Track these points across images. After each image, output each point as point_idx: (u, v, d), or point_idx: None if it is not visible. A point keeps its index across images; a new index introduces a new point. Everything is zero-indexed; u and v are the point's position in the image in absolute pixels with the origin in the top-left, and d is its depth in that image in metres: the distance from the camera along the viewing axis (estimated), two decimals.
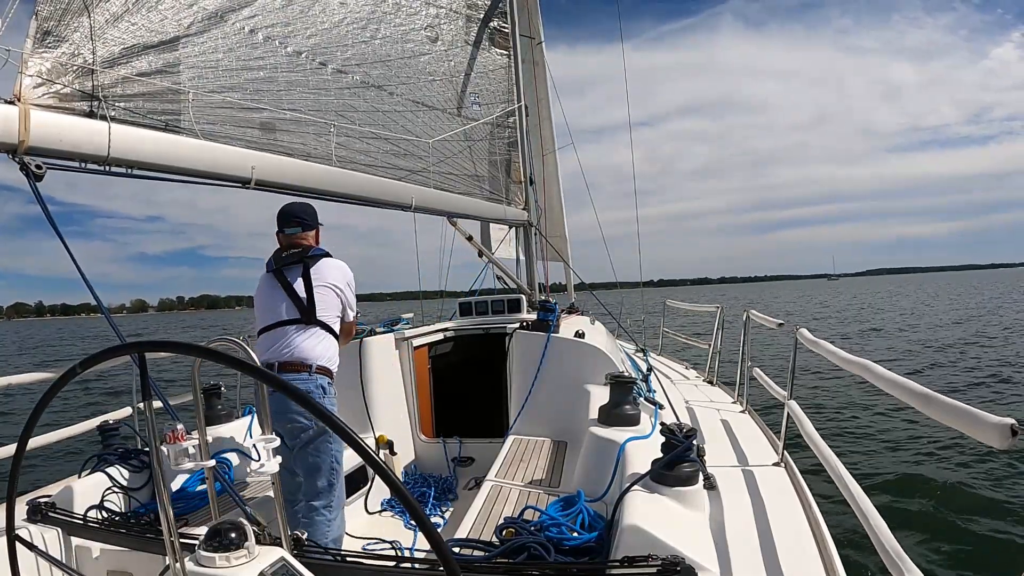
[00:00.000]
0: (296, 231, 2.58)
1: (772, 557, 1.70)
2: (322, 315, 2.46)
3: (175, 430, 1.23)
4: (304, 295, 2.45)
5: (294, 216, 2.60)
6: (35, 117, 2.00)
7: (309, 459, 2.40)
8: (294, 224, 2.58)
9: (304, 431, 2.37)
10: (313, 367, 2.41)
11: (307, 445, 2.39)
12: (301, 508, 2.40)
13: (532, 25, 7.01)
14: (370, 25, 3.65)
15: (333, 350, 2.53)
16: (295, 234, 2.58)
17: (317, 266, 2.51)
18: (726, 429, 3.20)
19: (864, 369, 1.77)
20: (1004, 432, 1.05)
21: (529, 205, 5.45)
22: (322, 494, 2.42)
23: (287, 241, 2.58)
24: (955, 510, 4.83)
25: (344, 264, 2.61)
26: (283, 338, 2.41)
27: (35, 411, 1.17)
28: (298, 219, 2.59)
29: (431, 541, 0.83)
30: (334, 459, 2.45)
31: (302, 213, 2.62)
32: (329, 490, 2.44)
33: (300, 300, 2.45)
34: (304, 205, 2.68)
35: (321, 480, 2.42)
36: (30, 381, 2.52)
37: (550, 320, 3.66)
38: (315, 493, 2.41)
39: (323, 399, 2.41)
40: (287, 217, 2.59)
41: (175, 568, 1.13)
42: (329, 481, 2.44)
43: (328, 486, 2.43)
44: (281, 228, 2.59)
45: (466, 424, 4.05)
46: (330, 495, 2.44)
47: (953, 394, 2.13)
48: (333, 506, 2.45)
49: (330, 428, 0.92)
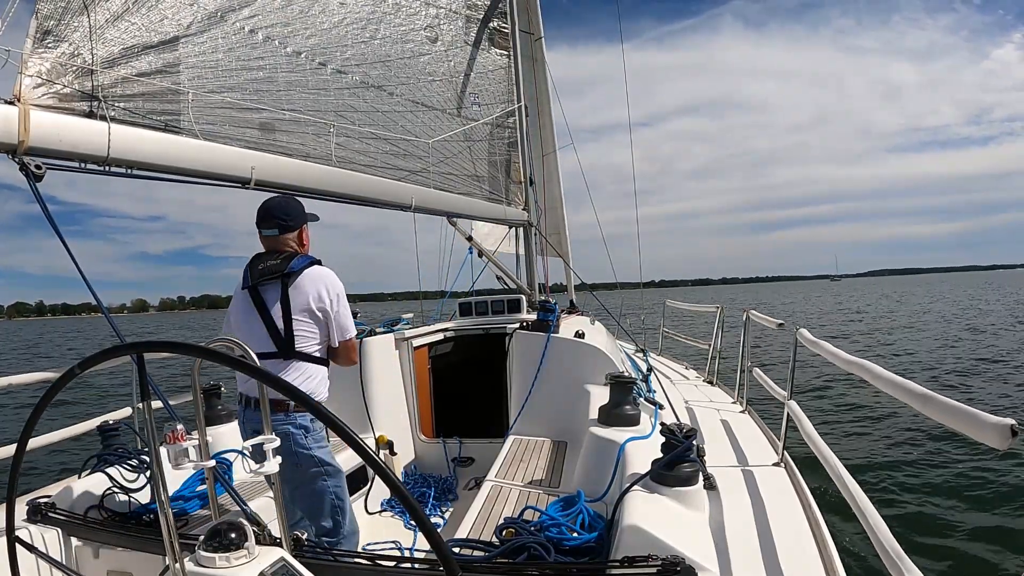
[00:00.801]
0: (273, 233, 2.25)
1: (772, 557, 1.70)
2: (302, 346, 2.16)
3: (175, 430, 1.23)
4: (282, 324, 2.13)
5: (271, 216, 2.25)
6: (35, 117, 2.00)
7: (307, 502, 2.21)
8: (271, 224, 2.25)
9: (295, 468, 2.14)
10: (292, 406, 2.13)
11: (302, 487, 2.19)
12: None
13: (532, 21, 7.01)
14: (370, 25, 3.65)
15: (316, 381, 2.22)
16: (272, 236, 2.25)
17: (297, 283, 2.15)
18: (726, 429, 3.20)
19: (864, 369, 1.77)
20: (1004, 432, 1.04)
21: (529, 205, 5.45)
22: (329, 533, 2.23)
23: (267, 245, 2.27)
24: (955, 510, 4.83)
25: (330, 274, 2.24)
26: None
27: (35, 411, 1.17)
28: (275, 220, 2.25)
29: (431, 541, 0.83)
30: (334, 496, 2.23)
31: (280, 212, 2.26)
32: (335, 529, 2.24)
33: (277, 331, 2.13)
34: (284, 202, 2.33)
35: (325, 522, 2.22)
36: (30, 381, 2.51)
37: (550, 320, 3.66)
38: (323, 533, 2.23)
39: (305, 439, 2.15)
40: (263, 216, 2.27)
41: (175, 568, 1.13)
42: (334, 520, 2.24)
43: (334, 526, 2.24)
44: (258, 228, 2.28)
45: (466, 424, 4.05)
46: (338, 532, 2.25)
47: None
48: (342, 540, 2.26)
49: (330, 428, 0.92)
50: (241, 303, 2.23)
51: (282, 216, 2.27)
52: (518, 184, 5.35)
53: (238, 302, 2.25)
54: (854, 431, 7.35)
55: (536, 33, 7.08)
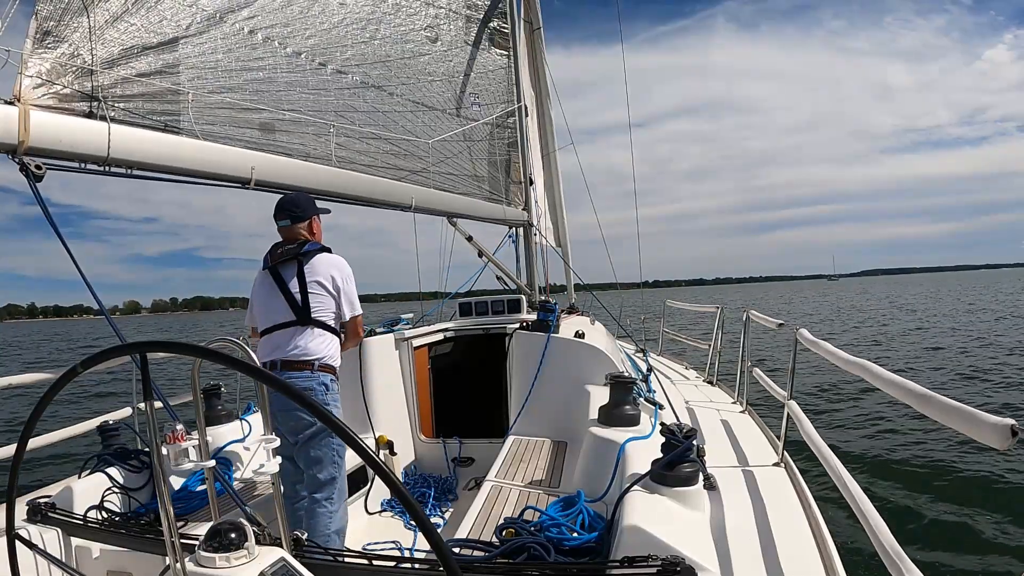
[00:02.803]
0: (286, 224, 2.56)
1: (772, 557, 1.70)
2: (317, 315, 2.47)
3: (175, 430, 1.23)
4: (299, 295, 2.46)
5: (282, 209, 2.58)
6: (35, 117, 2.00)
7: (311, 452, 2.45)
8: (283, 217, 2.57)
9: (307, 427, 2.41)
10: (316, 364, 2.44)
11: (310, 440, 2.44)
12: (303, 502, 2.44)
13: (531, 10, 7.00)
14: (370, 25, 3.65)
15: (334, 347, 2.54)
16: (285, 227, 2.57)
17: (311, 263, 2.50)
18: (726, 429, 3.20)
19: (863, 369, 1.76)
20: (1004, 433, 1.04)
21: (529, 205, 5.45)
22: (324, 486, 2.46)
23: (283, 235, 2.59)
24: (955, 510, 4.83)
25: (341, 259, 2.59)
26: (282, 339, 2.45)
27: (35, 411, 1.17)
28: (286, 212, 2.57)
29: (431, 541, 0.83)
30: (336, 453, 2.49)
31: (291, 205, 2.58)
32: (331, 483, 2.48)
33: (295, 301, 2.46)
34: (294, 197, 2.64)
35: (323, 473, 2.46)
36: (30, 381, 2.51)
37: (550, 320, 3.66)
38: (317, 486, 2.45)
39: (325, 396, 2.45)
40: (278, 210, 2.59)
41: (175, 568, 1.13)
42: (331, 474, 2.48)
43: (330, 479, 2.47)
44: (275, 221, 2.60)
45: (466, 424, 4.05)
46: (332, 488, 2.48)
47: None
48: (335, 499, 2.49)
49: (330, 428, 0.92)
50: (263, 282, 2.56)
51: (292, 208, 2.57)
52: (518, 184, 5.35)
53: (260, 282, 2.57)
54: (854, 431, 7.35)
55: (535, 23, 7.07)
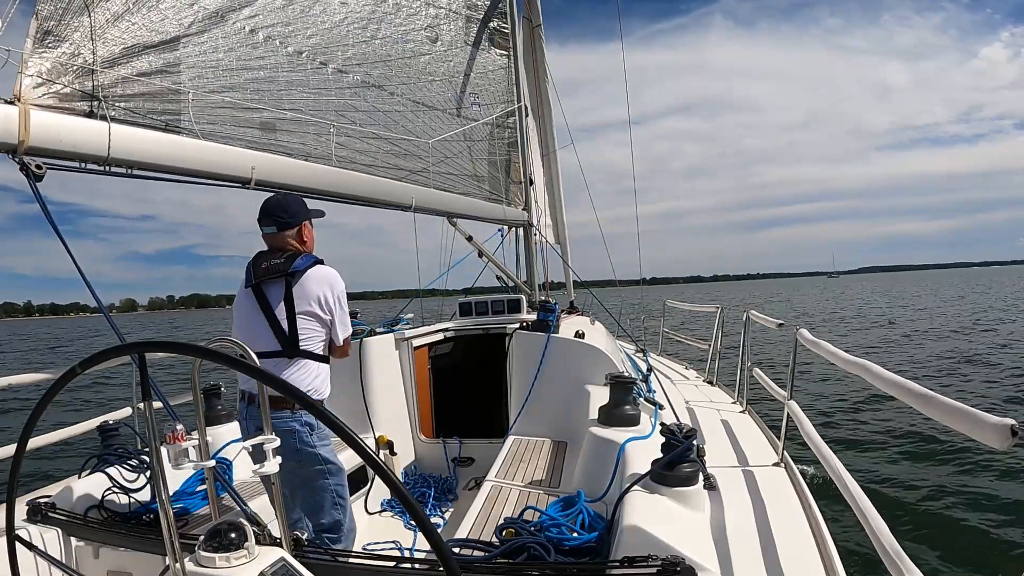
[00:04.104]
0: (272, 231, 2.23)
1: (772, 557, 1.70)
2: (306, 345, 2.16)
3: (175, 430, 1.23)
4: (286, 323, 2.13)
5: (268, 213, 2.24)
6: (35, 117, 2.00)
7: (309, 500, 2.21)
8: (269, 223, 2.23)
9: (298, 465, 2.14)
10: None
11: (304, 485, 2.18)
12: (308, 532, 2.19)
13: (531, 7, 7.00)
14: (370, 25, 3.65)
15: (321, 379, 2.23)
16: (271, 234, 2.24)
17: (301, 282, 2.15)
18: (726, 429, 3.20)
19: (864, 370, 1.76)
20: (1004, 433, 1.04)
21: (529, 205, 5.45)
22: (330, 530, 2.23)
23: (268, 243, 2.26)
24: (955, 510, 4.83)
25: (333, 273, 2.25)
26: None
27: (35, 411, 1.17)
28: (273, 217, 2.23)
29: (431, 541, 0.83)
30: (335, 494, 2.23)
31: (278, 209, 2.24)
32: (336, 526, 2.24)
33: (281, 329, 2.13)
34: (283, 199, 2.31)
35: (326, 519, 2.22)
36: (30, 381, 2.51)
37: (550, 320, 3.66)
38: (321, 530, 2.23)
39: (310, 436, 2.14)
40: (262, 214, 2.25)
41: (175, 568, 1.13)
42: (335, 518, 2.24)
43: (335, 524, 2.24)
44: (260, 227, 2.27)
45: (466, 424, 4.05)
46: (339, 530, 2.25)
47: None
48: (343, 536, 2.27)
49: (330, 428, 0.92)
50: (245, 302, 2.22)
51: (280, 213, 2.25)
52: (518, 184, 5.35)
53: (242, 300, 2.24)
54: (854, 431, 7.35)
55: (535, 20, 7.06)
